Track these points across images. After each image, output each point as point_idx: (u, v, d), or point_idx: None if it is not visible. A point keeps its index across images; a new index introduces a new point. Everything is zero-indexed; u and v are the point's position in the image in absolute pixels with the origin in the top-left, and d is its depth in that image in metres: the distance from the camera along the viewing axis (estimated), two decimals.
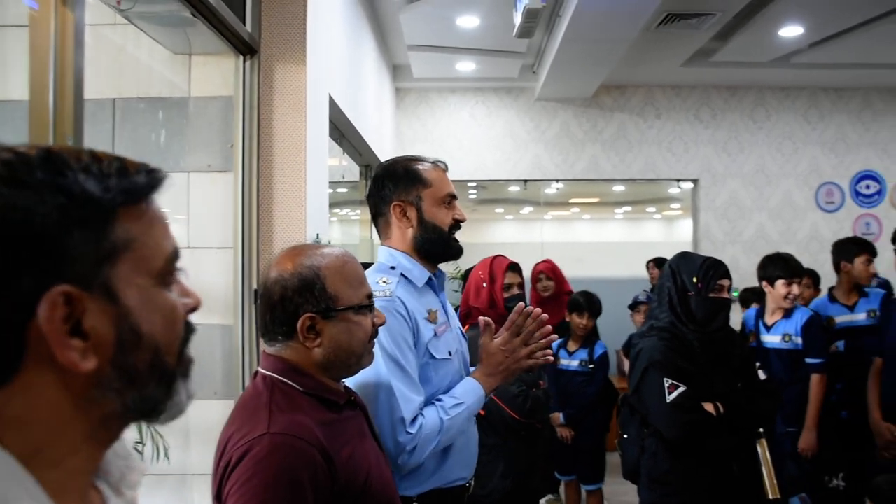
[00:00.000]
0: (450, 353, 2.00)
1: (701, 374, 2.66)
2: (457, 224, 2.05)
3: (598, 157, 7.26)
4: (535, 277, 5.04)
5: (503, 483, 2.97)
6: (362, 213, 6.16)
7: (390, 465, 1.74)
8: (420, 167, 2.02)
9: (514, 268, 3.23)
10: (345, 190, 5.97)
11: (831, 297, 4.26)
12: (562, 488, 4.81)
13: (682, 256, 2.85)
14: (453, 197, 2.05)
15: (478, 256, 3.37)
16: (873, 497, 2.24)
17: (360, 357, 1.52)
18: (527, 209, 8.77)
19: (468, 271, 3.96)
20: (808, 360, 3.83)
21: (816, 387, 3.77)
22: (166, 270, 0.73)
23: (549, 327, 2.01)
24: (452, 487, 1.96)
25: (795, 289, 3.89)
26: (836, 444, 3.88)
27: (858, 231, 7.36)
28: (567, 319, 4.53)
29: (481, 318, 2.02)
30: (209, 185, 3.11)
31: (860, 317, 4.06)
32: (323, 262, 1.49)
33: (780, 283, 3.90)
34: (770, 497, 2.69)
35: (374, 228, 2.17)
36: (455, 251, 2.07)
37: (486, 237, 8.92)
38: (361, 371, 1.57)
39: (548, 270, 5.02)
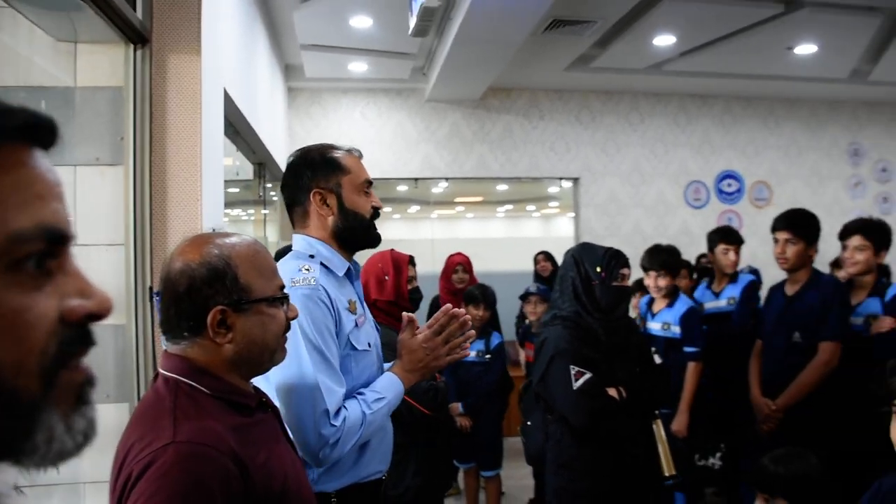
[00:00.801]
0: (369, 345, 1.99)
1: (605, 361, 2.76)
2: (376, 212, 2.03)
3: (486, 156, 7.46)
4: (451, 269, 5.15)
5: (415, 480, 2.99)
6: (256, 214, 6.06)
7: (309, 459, 1.72)
8: (337, 154, 1.99)
9: (412, 261, 3.23)
10: (237, 190, 5.84)
11: (708, 285, 4.55)
12: (460, 476, 4.94)
13: (584, 247, 2.96)
14: (370, 183, 2.04)
15: (367, 253, 3.35)
16: (760, 479, 2.40)
17: (273, 353, 1.42)
18: (414, 208, 8.87)
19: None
20: (686, 349, 4.05)
21: (692, 373, 4.00)
22: (11, 254, 0.52)
23: (470, 327, 2.03)
24: (370, 481, 1.95)
25: (653, 280, 4.14)
26: (708, 426, 4.16)
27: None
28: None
29: (405, 314, 2.02)
30: (98, 179, 2.90)
31: (722, 303, 4.31)
32: (233, 251, 1.37)
33: (648, 274, 4.21)
34: (667, 474, 2.88)
35: (267, 227, 2.12)
36: (374, 239, 2.04)
37: None
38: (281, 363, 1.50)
39: (465, 263, 5.13)
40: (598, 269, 2.82)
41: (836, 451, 2.90)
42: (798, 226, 3.55)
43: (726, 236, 4.36)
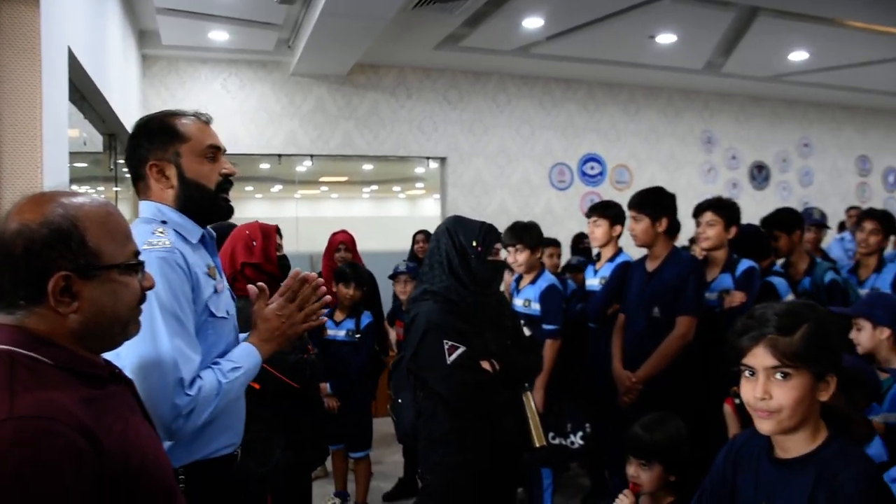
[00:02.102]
0: (227, 313, 1.91)
1: (478, 334, 2.75)
2: (226, 179, 1.92)
3: (353, 133, 7.32)
4: (334, 247, 5.03)
5: (284, 455, 2.90)
6: (107, 191, 5.65)
7: (161, 432, 1.59)
8: (177, 121, 1.86)
9: (278, 231, 3.16)
10: (84, 164, 5.37)
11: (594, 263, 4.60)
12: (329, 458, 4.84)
13: (458, 220, 2.90)
14: (217, 149, 1.91)
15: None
16: (635, 446, 2.48)
17: (125, 325, 1.29)
18: (277, 187, 8.62)
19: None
20: (544, 326, 4.06)
21: (549, 351, 4.00)
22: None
23: (325, 290, 1.97)
24: (220, 456, 1.87)
25: (511, 255, 4.13)
26: (573, 405, 4.22)
27: (584, 208, 8.12)
28: (334, 290, 4.54)
29: (250, 286, 1.93)
30: None
31: (596, 282, 4.37)
32: (81, 211, 1.22)
33: (507, 250, 4.21)
34: (537, 445, 2.90)
35: (119, 206, 1.99)
36: (224, 210, 1.95)
37: (235, 214, 8.64)
38: None
39: (348, 241, 5.01)
40: (475, 244, 2.79)
41: (691, 417, 3.01)
42: (642, 204, 3.68)
43: (593, 210, 4.38)
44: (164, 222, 1.81)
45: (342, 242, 5.03)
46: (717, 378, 2.90)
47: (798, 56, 7.56)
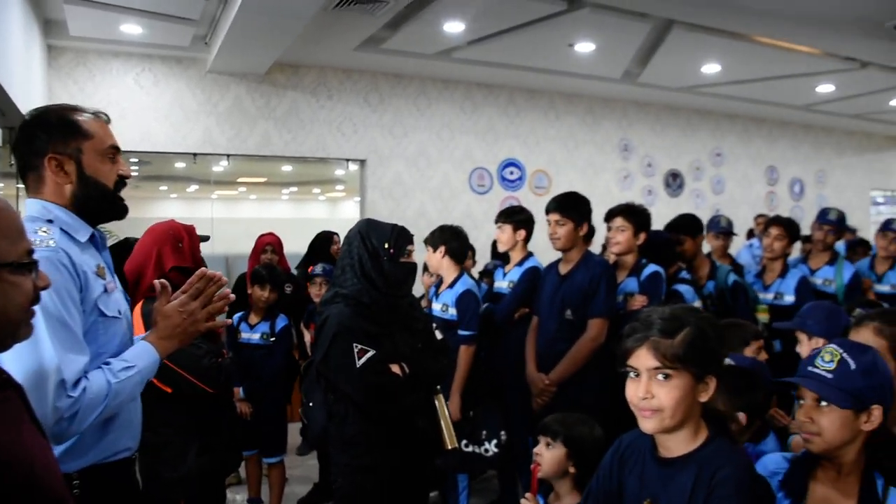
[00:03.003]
0: (119, 312, 1.87)
1: (388, 337, 2.75)
2: (122, 181, 1.92)
3: (271, 133, 7.18)
4: (260, 249, 4.99)
5: (199, 461, 2.84)
6: (7, 188, 5.40)
7: (49, 437, 1.52)
8: (79, 117, 1.84)
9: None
10: None
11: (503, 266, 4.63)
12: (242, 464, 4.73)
13: (370, 223, 2.90)
14: (117, 150, 1.91)
15: (139, 233, 3.11)
16: (542, 427, 2.56)
17: (16, 326, 1.22)
18: (193, 187, 8.42)
19: (126, 240, 3.73)
20: (460, 332, 4.05)
21: (463, 357, 3.99)
22: None
23: (229, 290, 1.98)
24: (117, 461, 1.83)
25: (429, 256, 4.18)
26: (486, 411, 4.21)
27: None
28: (249, 292, 4.47)
29: (156, 281, 1.92)
30: None
31: (504, 284, 4.40)
32: None
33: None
34: (449, 447, 2.91)
35: (20, 204, 1.93)
36: (120, 210, 1.94)
37: (149, 214, 8.40)
38: None
39: (274, 243, 4.93)
40: (387, 246, 2.79)
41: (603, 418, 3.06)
42: (566, 208, 3.74)
43: (499, 215, 4.41)
44: (49, 221, 1.77)
45: (269, 244, 4.96)
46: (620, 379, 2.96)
47: (711, 68, 7.81)
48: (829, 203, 9.98)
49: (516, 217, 4.32)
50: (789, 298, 4.39)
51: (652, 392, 1.59)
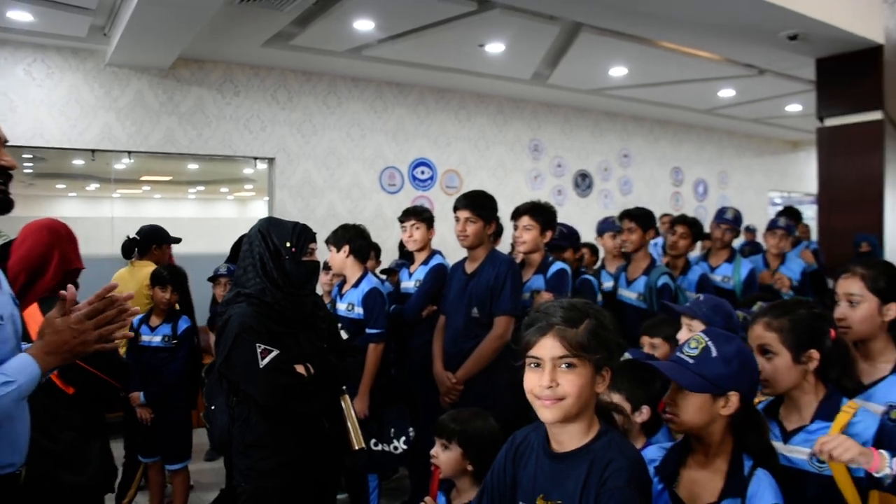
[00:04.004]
0: (2, 318, 1.78)
1: (292, 337, 2.71)
2: (5, 172, 1.81)
3: (175, 130, 6.95)
4: None
5: (104, 463, 2.72)
6: None
7: None
8: None
9: None
10: None
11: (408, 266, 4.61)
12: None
13: (271, 221, 2.84)
14: (2, 142, 1.81)
15: None
16: (438, 427, 2.55)
17: None
18: (93, 185, 8.08)
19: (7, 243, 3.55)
20: (368, 330, 4.03)
21: (372, 355, 3.97)
22: None
23: (137, 309, 1.89)
24: (1, 476, 1.74)
25: (331, 255, 4.14)
26: (393, 409, 4.19)
27: None
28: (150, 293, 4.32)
29: (65, 291, 1.78)
30: None
31: (411, 284, 4.39)
32: None
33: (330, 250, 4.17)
34: (356, 448, 2.87)
35: None
36: (3, 204, 1.83)
37: (45, 213, 8.03)
38: None
39: None
40: (288, 244, 2.74)
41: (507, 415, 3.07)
42: (477, 205, 3.74)
43: (409, 215, 4.37)
44: None
45: None
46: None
47: (618, 71, 8.00)
48: (731, 203, 10.38)
49: (427, 215, 4.35)
50: (690, 295, 4.53)
51: (557, 380, 1.60)
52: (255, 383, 2.62)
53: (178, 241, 5.04)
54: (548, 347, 1.61)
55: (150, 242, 4.74)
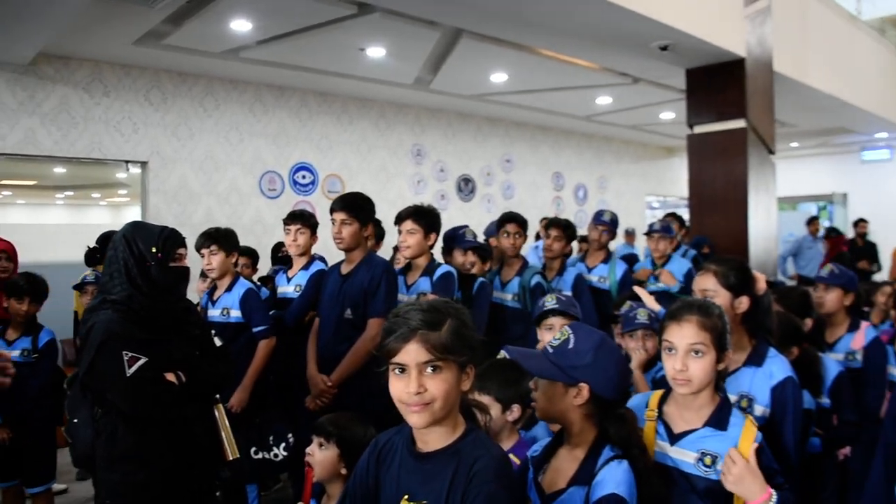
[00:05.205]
0: None
1: (160, 344, 2.60)
2: None
3: (37, 130, 6.52)
4: None
5: None
6: None
7: None
8: None
9: None
10: None
11: (286, 271, 4.54)
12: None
13: (137, 226, 2.74)
14: None
15: None
16: (316, 427, 2.51)
17: None
18: None
19: None
20: (254, 329, 4.04)
21: (262, 350, 4.01)
22: None
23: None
24: None
25: (206, 258, 4.08)
26: (272, 416, 4.09)
27: None
28: (5, 305, 4.03)
29: None
30: None
31: (290, 289, 4.36)
32: None
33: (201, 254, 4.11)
34: (230, 458, 2.77)
35: None
36: None
37: None
38: None
39: (8, 250, 4.47)
40: (154, 250, 2.62)
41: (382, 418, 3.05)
42: (353, 207, 3.70)
43: (294, 220, 4.35)
44: None
45: (2, 251, 4.48)
46: None
47: (499, 78, 8.13)
48: (611, 207, 10.73)
49: (312, 221, 4.38)
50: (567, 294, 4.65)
51: (424, 386, 1.58)
52: (122, 393, 2.51)
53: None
54: (412, 353, 1.58)
55: None
